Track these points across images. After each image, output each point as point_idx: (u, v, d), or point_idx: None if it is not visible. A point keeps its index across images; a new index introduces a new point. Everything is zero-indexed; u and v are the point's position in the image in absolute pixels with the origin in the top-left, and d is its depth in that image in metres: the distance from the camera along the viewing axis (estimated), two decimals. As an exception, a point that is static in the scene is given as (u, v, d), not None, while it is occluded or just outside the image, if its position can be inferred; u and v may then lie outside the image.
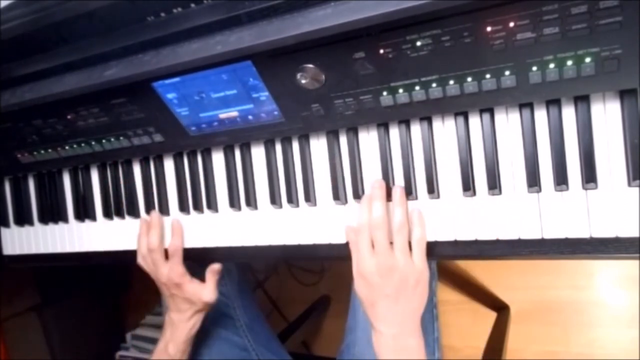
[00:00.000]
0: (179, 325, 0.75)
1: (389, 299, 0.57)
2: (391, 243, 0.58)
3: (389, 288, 0.57)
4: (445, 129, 0.59)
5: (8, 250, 0.93)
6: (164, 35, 0.58)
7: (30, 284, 1.41)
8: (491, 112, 0.56)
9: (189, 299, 0.73)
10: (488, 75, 0.49)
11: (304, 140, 0.66)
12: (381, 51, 0.50)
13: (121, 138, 0.70)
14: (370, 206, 0.60)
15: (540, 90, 0.49)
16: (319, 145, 0.66)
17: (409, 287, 0.57)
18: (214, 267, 0.75)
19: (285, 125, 0.61)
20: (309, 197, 0.66)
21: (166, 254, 0.75)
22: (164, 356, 0.75)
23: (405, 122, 0.60)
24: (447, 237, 0.59)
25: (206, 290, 0.74)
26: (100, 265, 0.88)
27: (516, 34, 0.45)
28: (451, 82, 0.51)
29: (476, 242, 0.57)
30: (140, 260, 0.77)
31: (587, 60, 0.45)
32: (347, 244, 0.63)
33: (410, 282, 0.57)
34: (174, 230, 0.76)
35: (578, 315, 1.24)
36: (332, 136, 0.64)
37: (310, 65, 0.53)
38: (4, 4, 0.65)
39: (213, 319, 0.85)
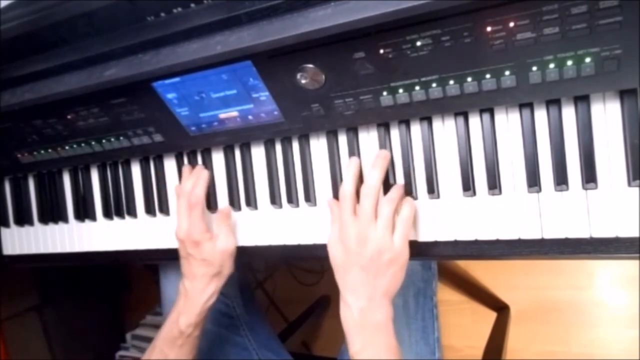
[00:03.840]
0: (193, 295, 0.67)
1: (360, 269, 0.56)
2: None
3: (362, 258, 0.55)
4: (445, 129, 0.59)
5: (8, 250, 0.93)
6: (163, 35, 0.58)
7: (30, 284, 1.41)
8: (491, 112, 0.56)
9: (206, 260, 0.67)
10: (488, 75, 0.49)
11: (304, 140, 0.66)
12: (381, 51, 0.50)
13: (121, 138, 0.70)
14: (356, 172, 0.60)
15: (540, 90, 0.49)
16: (319, 145, 0.66)
17: (381, 262, 0.55)
18: (220, 215, 0.69)
19: (285, 125, 0.61)
20: (309, 197, 0.66)
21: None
22: (174, 328, 0.68)
23: (405, 122, 0.60)
24: (447, 237, 0.59)
25: (220, 241, 0.67)
26: (100, 265, 0.88)
27: (516, 34, 0.45)
28: (451, 82, 0.51)
29: (476, 242, 0.57)
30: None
31: (587, 60, 0.45)
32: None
33: (383, 258, 0.55)
34: (198, 178, 0.70)
35: (578, 315, 1.24)
36: (332, 136, 0.64)
37: (310, 65, 0.53)
38: (4, 4, 0.65)
39: (213, 319, 0.84)
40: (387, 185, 0.61)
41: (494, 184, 0.56)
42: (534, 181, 0.54)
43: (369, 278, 0.56)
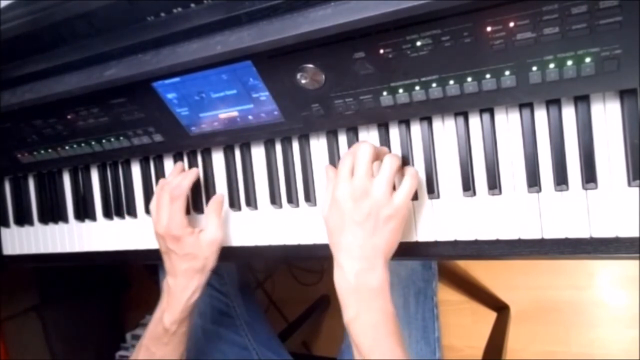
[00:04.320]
0: (176, 292, 0.65)
1: (356, 226, 0.53)
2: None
3: (358, 215, 0.53)
4: (445, 129, 0.59)
5: (8, 250, 0.93)
6: (163, 35, 0.58)
7: (30, 284, 1.41)
8: (491, 112, 0.56)
9: (189, 255, 0.65)
10: (488, 75, 0.49)
11: (304, 140, 0.66)
12: (381, 51, 0.50)
13: (121, 138, 0.70)
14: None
15: (540, 90, 0.49)
16: (319, 145, 0.66)
17: (379, 219, 0.53)
18: (214, 203, 0.68)
19: (285, 125, 0.61)
20: (309, 197, 0.66)
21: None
22: (158, 327, 0.66)
23: (405, 122, 0.60)
24: (447, 237, 0.59)
25: (207, 231, 0.66)
26: (100, 265, 0.88)
27: (516, 34, 0.45)
28: (451, 82, 0.51)
29: (476, 242, 0.57)
30: (151, 203, 0.69)
31: (587, 60, 0.45)
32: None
33: (381, 215, 0.53)
34: (187, 173, 0.68)
35: (578, 315, 1.24)
36: (332, 136, 0.64)
37: (310, 65, 0.53)
38: (4, 4, 0.65)
39: (213, 318, 0.85)
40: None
41: (494, 184, 0.56)
42: (534, 181, 0.54)
43: (366, 236, 0.53)
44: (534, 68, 0.47)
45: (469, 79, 0.50)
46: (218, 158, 0.73)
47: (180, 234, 0.65)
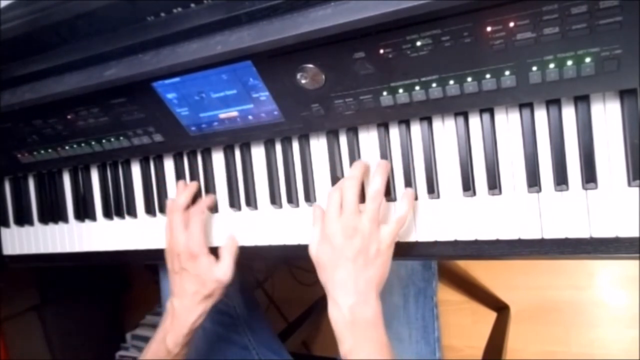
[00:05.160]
0: (181, 315, 0.67)
1: (348, 262, 0.55)
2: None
3: (350, 251, 0.55)
4: (445, 129, 0.59)
5: (8, 250, 0.93)
6: (163, 35, 0.58)
7: (30, 284, 1.41)
8: (491, 112, 0.56)
9: (200, 277, 0.66)
10: (488, 75, 0.49)
11: (304, 140, 0.66)
12: (381, 51, 0.50)
13: (121, 138, 0.70)
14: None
15: (540, 90, 0.49)
16: (319, 145, 0.66)
17: (369, 254, 0.55)
18: (231, 243, 0.69)
19: (285, 125, 0.61)
20: (309, 197, 0.66)
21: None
22: (161, 348, 0.67)
23: (405, 122, 0.60)
24: (447, 237, 0.59)
25: (220, 267, 0.67)
26: (100, 265, 0.88)
27: (516, 34, 0.45)
28: (451, 82, 0.51)
29: (476, 242, 0.57)
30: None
31: (587, 60, 0.45)
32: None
33: (371, 251, 0.55)
34: (205, 197, 0.72)
35: (578, 315, 1.24)
36: (332, 136, 0.64)
37: (310, 65, 0.53)
38: (4, 4, 0.65)
39: (213, 318, 0.84)
40: (387, 188, 0.61)
41: (494, 184, 0.56)
42: (534, 181, 0.54)
43: (358, 271, 0.55)
44: (534, 68, 0.47)
45: (469, 79, 0.50)
46: (218, 158, 0.73)
47: (198, 252, 0.67)
